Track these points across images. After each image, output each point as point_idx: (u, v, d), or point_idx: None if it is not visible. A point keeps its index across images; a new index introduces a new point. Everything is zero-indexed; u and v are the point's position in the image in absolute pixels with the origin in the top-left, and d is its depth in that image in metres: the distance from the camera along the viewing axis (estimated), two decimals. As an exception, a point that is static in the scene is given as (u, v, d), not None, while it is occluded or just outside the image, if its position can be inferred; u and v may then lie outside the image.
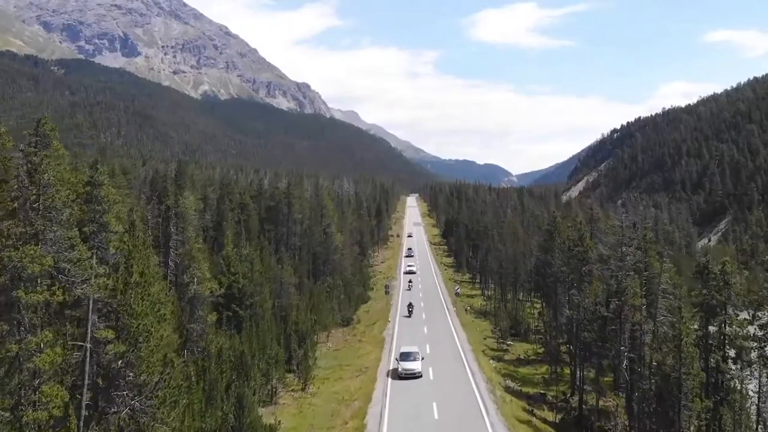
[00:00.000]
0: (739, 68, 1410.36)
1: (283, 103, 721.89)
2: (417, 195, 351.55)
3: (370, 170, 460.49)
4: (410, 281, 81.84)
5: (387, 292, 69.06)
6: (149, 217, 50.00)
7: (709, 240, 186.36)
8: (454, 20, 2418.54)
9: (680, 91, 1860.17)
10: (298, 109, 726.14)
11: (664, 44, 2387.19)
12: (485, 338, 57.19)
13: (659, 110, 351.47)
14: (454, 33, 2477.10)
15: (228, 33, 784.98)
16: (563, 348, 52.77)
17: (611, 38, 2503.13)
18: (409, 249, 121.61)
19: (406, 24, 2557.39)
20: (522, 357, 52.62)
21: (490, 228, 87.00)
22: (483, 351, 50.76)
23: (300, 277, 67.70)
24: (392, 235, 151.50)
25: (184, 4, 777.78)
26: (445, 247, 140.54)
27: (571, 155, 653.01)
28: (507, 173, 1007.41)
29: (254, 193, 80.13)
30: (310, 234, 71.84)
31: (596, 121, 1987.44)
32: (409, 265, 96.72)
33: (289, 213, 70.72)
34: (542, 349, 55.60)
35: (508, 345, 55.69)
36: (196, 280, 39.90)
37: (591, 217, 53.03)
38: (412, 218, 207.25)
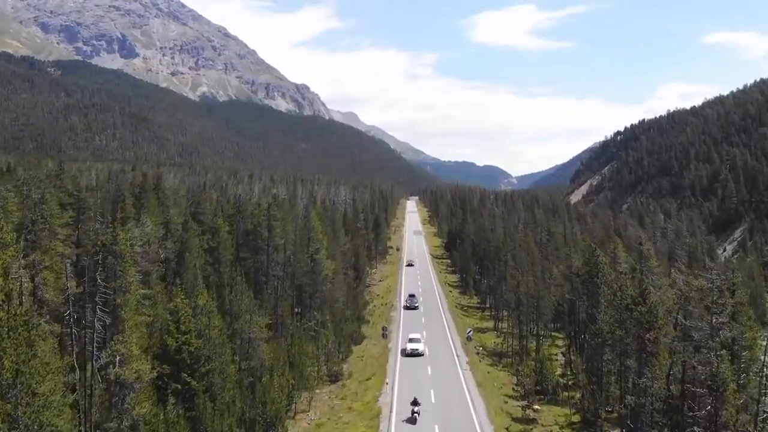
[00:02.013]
0: (738, 70, 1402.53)
1: (282, 105, 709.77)
2: (417, 198, 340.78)
3: (369, 172, 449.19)
4: (415, 412, 38.82)
5: (384, 336, 57.68)
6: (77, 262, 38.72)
7: (725, 250, 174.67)
8: (453, 22, 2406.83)
9: (679, 92, 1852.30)
10: (297, 111, 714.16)
11: (662, 46, 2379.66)
12: (506, 400, 45.68)
13: (659, 111, 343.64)
14: (454, 35, 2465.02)
15: (227, 34, 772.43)
16: (605, 413, 41.44)
17: (610, 40, 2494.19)
18: (412, 297, 76.73)
19: (406, 26, 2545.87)
20: (555, 432, 41.09)
21: (503, 250, 75.50)
22: (507, 428, 39.24)
23: (282, 315, 56.31)
24: (391, 248, 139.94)
25: (183, 5, 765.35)
26: (449, 260, 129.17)
27: (571, 157, 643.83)
28: (507, 175, 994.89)
29: (232, 212, 68.48)
30: (294, 262, 60.29)
31: (595, 122, 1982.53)
32: (411, 340, 55.86)
33: (270, 238, 59.15)
34: (576, 415, 44.15)
35: (535, 411, 44.20)
36: (118, 359, 28.47)
37: (640, 255, 41.44)
38: (412, 225, 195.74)
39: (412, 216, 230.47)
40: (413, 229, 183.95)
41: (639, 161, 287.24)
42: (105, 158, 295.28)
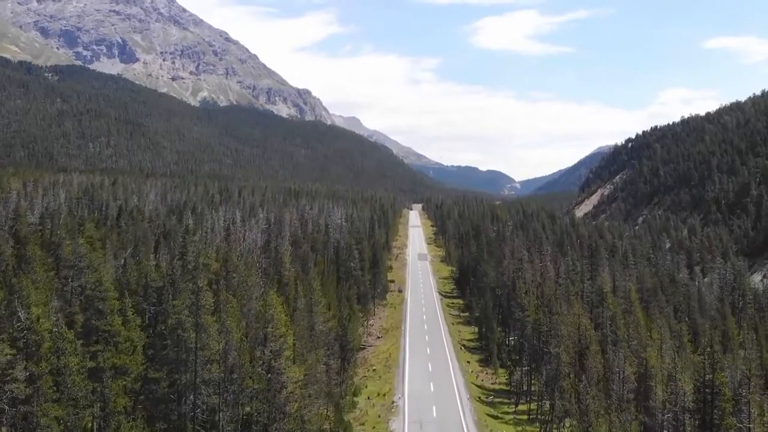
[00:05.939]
0: (738, 74, 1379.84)
1: (283, 110, 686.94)
2: (420, 207, 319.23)
3: (370, 179, 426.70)
4: None
5: None
6: None
7: (763, 277, 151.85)
8: (455, 27, 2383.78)
9: (680, 97, 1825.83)
10: (299, 116, 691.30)
11: (663, 51, 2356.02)
12: None
13: (661, 116, 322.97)
14: (455, 40, 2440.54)
15: (228, 39, 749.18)
16: None
17: (610, 45, 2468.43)
18: None
19: (407, 31, 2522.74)
20: None
21: (543, 325, 52.97)
22: None
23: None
24: (392, 281, 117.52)
25: (184, 10, 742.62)
26: (460, 300, 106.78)
27: (575, 161, 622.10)
28: (510, 179, 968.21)
29: (163, 283, 45.87)
30: (239, 379, 37.81)
31: (596, 127, 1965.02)
32: None
33: (199, 342, 36.70)
34: None
35: None
36: None
37: None
38: (416, 246, 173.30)
39: (415, 231, 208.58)
40: (417, 252, 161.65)
41: (654, 171, 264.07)
42: (96, 167, 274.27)
